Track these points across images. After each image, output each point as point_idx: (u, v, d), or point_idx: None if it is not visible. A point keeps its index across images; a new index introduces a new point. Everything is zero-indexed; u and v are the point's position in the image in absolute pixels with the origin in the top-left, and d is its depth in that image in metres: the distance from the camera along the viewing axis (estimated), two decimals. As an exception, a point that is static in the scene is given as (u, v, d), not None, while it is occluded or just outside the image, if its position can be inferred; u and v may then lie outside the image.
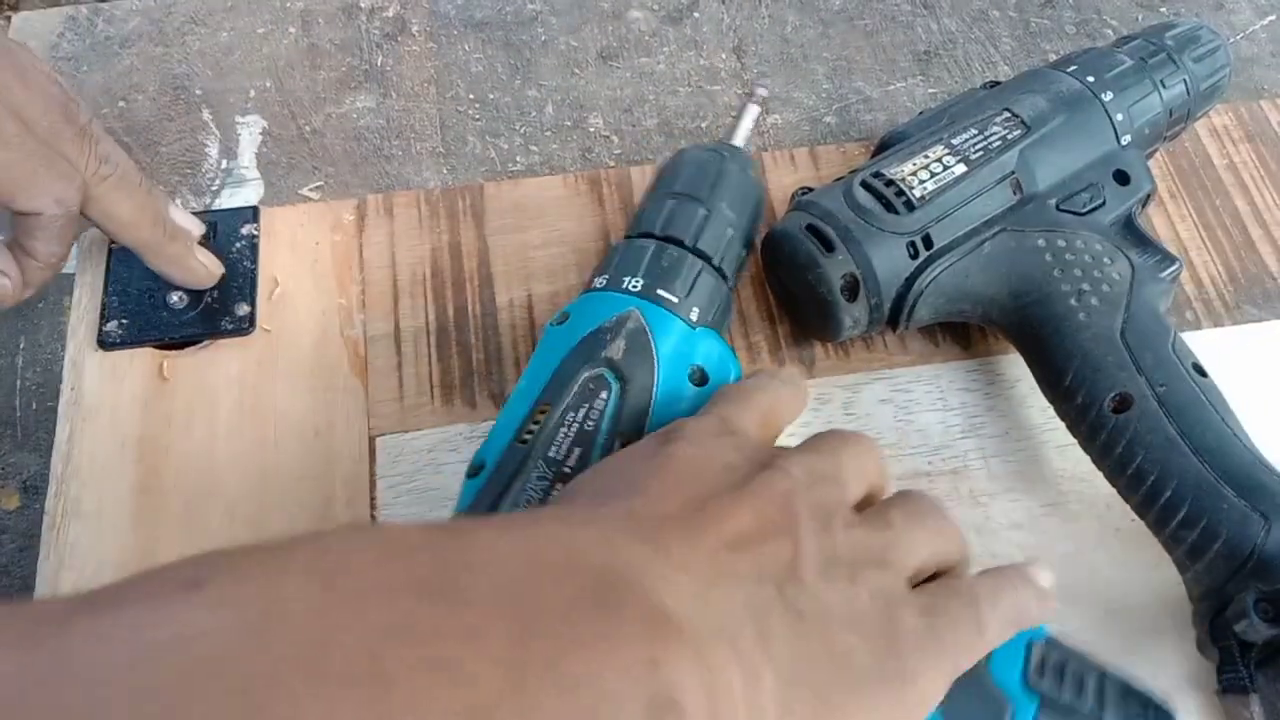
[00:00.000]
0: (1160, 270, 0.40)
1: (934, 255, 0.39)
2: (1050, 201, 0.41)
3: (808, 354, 0.44)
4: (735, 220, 0.39)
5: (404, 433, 0.42)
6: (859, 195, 0.40)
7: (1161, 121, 0.44)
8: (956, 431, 0.42)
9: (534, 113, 0.51)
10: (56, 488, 0.40)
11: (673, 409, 0.34)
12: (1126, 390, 0.37)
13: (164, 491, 0.40)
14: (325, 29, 0.53)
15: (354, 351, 0.43)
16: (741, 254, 0.40)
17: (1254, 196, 0.49)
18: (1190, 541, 0.35)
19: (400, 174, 0.48)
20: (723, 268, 0.38)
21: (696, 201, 0.39)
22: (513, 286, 0.45)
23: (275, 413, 0.42)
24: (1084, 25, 0.54)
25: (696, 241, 0.38)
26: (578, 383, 0.34)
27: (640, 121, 0.51)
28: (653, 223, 0.38)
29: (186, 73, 0.51)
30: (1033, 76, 0.44)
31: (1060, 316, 0.39)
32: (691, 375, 0.35)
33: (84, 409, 0.42)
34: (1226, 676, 0.35)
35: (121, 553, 0.39)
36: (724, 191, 0.39)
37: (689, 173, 0.40)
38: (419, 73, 0.52)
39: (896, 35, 0.54)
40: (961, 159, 0.41)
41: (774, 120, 0.51)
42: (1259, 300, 0.46)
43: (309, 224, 0.46)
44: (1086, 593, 0.39)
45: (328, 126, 0.50)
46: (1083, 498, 0.41)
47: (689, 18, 0.54)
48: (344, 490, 0.40)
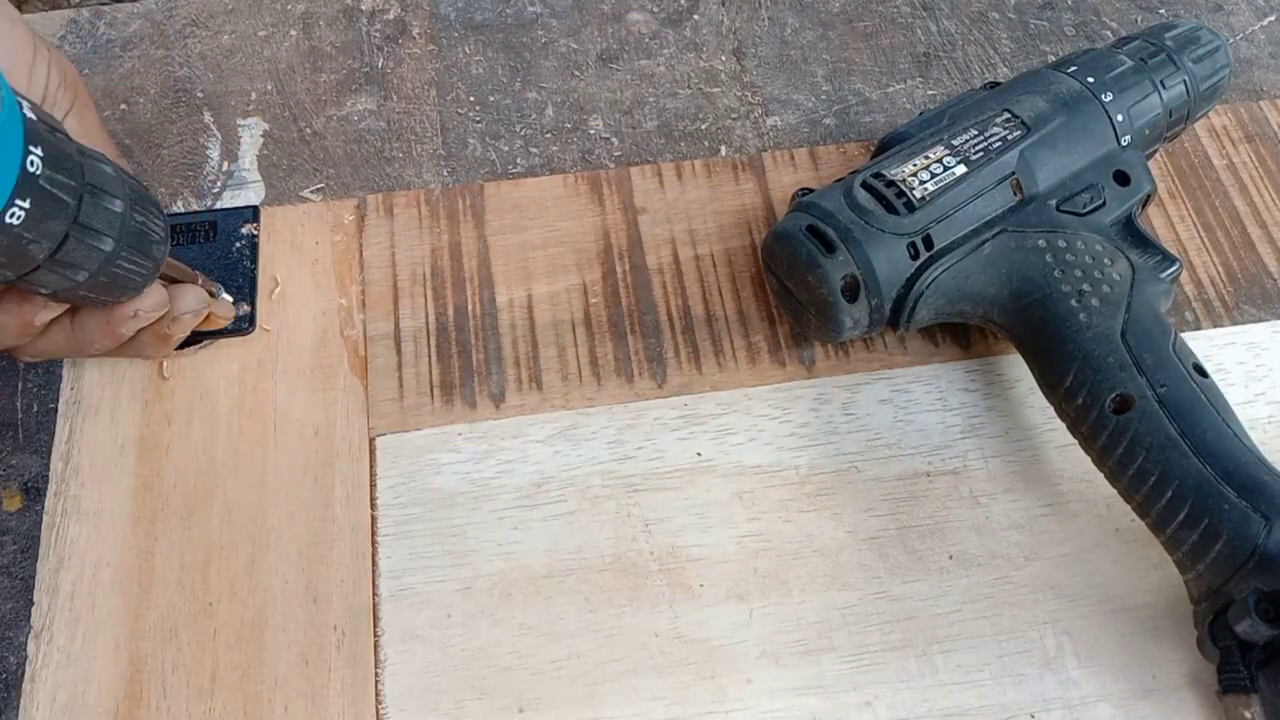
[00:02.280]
0: (1160, 271, 0.40)
1: (934, 256, 0.40)
2: (1050, 202, 0.41)
3: (808, 354, 0.44)
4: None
5: (404, 433, 0.42)
6: (859, 196, 0.40)
7: (1161, 122, 0.44)
8: (956, 431, 0.42)
9: (534, 115, 0.51)
10: (56, 487, 0.40)
11: None
12: (1127, 391, 0.37)
13: (164, 491, 0.40)
14: (326, 32, 0.53)
15: (354, 351, 0.43)
16: None
17: (1253, 197, 0.49)
18: (1191, 542, 0.35)
19: (401, 176, 0.49)
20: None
21: None
22: (513, 286, 0.45)
23: (275, 413, 0.42)
24: (1083, 26, 0.55)
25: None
26: None
27: (640, 124, 0.51)
28: None
29: (188, 75, 0.51)
30: (1032, 77, 0.44)
31: (1060, 317, 0.39)
32: None
33: (84, 408, 0.42)
34: (1227, 677, 0.35)
35: (121, 553, 0.39)
36: None
37: None
38: (419, 75, 0.52)
39: (896, 37, 0.54)
40: (962, 160, 0.41)
41: (774, 122, 0.51)
42: (1259, 300, 0.46)
43: (309, 224, 0.46)
44: (1086, 593, 0.39)
45: (328, 129, 0.50)
46: (1083, 498, 0.41)
47: (689, 20, 0.54)
48: (344, 490, 0.40)
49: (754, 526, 0.40)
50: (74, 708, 0.36)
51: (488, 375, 0.43)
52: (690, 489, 0.41)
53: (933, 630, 0.38)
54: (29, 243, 0.30)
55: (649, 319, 0.45)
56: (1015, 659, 0.38)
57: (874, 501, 0.41)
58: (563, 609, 0.38)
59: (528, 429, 0.42)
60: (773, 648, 0.38)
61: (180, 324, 0.40)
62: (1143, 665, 0.37)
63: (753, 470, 0.41)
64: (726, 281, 0.46)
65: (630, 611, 0.38)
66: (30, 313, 0.35)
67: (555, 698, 0.37)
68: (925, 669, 0.37)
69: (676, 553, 0.39)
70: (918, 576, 0.39)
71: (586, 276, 0.46)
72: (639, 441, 0.42)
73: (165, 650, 0.37)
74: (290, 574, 0.39)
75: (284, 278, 0.45)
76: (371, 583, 0.39)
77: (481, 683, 0.37)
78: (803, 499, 0.41)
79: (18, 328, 0.36)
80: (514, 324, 0.44)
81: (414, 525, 0.40)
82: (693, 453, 0.41)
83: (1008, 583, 0.39)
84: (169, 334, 0.39)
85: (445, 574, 0.39)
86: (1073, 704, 0.37)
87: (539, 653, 0.38)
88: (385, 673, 0.37)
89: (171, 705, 0.36)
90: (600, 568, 0.39)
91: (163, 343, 0.40)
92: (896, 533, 0.40)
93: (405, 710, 0.37)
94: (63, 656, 0.37)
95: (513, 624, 0.38)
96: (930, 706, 0.37)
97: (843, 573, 0.39)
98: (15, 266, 0.31)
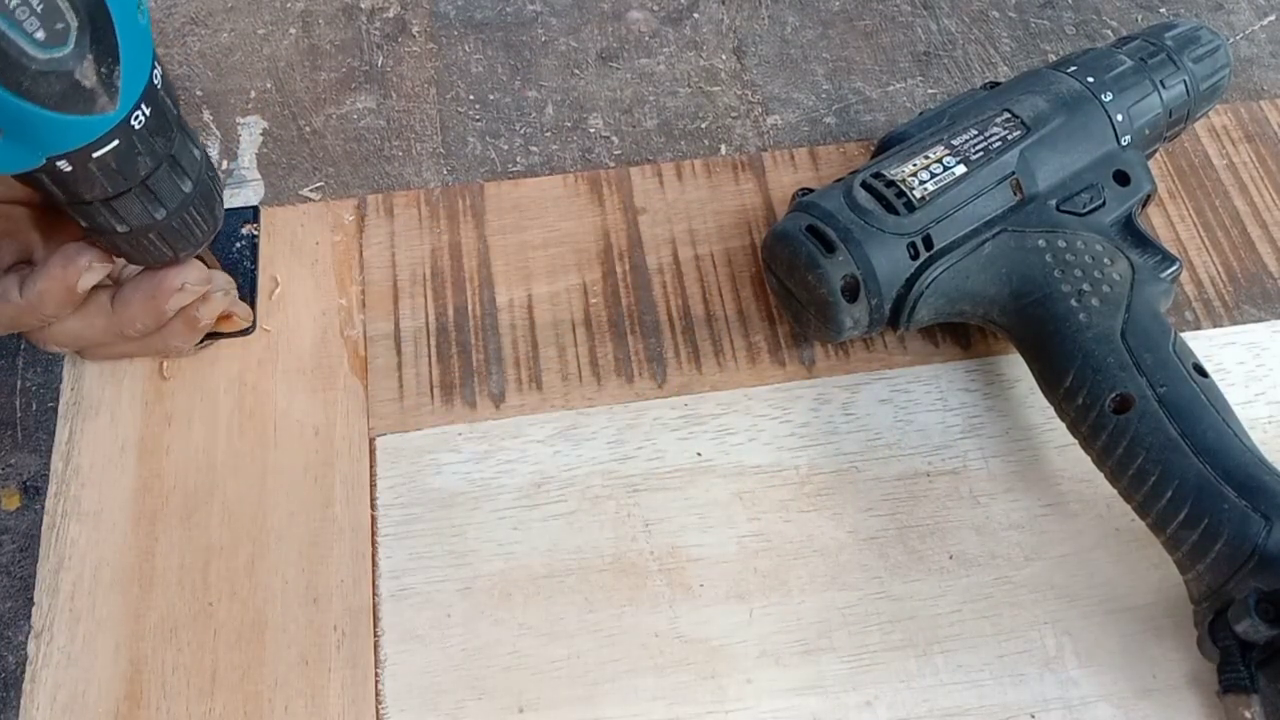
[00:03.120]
0: (1160, 270, 0.40)
1: (934, 256, 0.40)
2: (1050, 202, 0.41)
3: (808, 354, 0.44)
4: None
5: (404, 433, 0.42)
6: (859, 196, 0.40)
7: (1161, 122, 0.44)
8: (956, 431, 0.42)
9: (534, 113, 0.51)
10: (57, 488, 0.40)
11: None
12: (1127, 391, 0.37)
13: (164, 491, 0.40)
14: (326, 30, 0.53)
15: (354, 351, 0.43)
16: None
17: (1253, 196, 0.49)
18: (1191, 542, 0.35)
19: (400, 175, 0.49)
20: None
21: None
22: (513, 286, 0.45)
23: (275, 413, 0.42)
24: (1083, 26, 0.55)
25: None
26: None
27: (640, 122, 0.51)
28: None
29: (187, 74, 0.51)
30: (1032, 77, 0.44)
31: (1060, 317, 0.39)
32: None
33: (84, 409, 0.42)
34: (1227, 676, 0.35)
35: (121, 553, 0.39)
36: None
37: None
38: (419, 73, 0.52)
39: (896, 36, 0.54)
40: (962, 160, 0.41)
41: (774, 121, 0.51)
42: (1259, 300, 0.46)
43: (309, 224, 0.46)
44: (1086, 593, 0.39)
45: (328, 127, 0.50)
46: (1083, 498, 0.41)
47: (689, 18, 0.54)
48: (344, 490, 0.40)
49: (754, 526, 0.40)
50: (74, 708, 0.36)
51: (488, 375, 0.43)
52: (690, 489, 0.41)
53: (933, 630, 0.38)
54: (138, 155, 0.32)
55: (649, 319, 0.45)
56: (1015, 659, 0.38)
57: (874, 501, 0.41)
58: (563, 609, 0.38)
59: (528, 429, 0.42)
60: (773, 648, 0.38)
61: (211, 304, 0.40)
62: (1143, 665, 0.38)
63: (753, 470, 0.41)
64: (726, 281, 0.46)
65: (630, 611, 0.38)
66: (75, 275, 0.35)
67: (555, 698, 0.37)
68: (925, 669, 0.37)
69: (676, 553, 0.39)
70: (918, 576, 0.39)
71: (586, 276, 0.46)
72: (639, 441, 0.42)
73: (165, 650, 0.37)
74: (290, 574, 0.39)
75: (284, 278, 0.45)
76: (371, 583, 0.39)
77: (481, 683, 0.37)
78: (803, 499, 0.41)
79: (61, 293, 0.36)
80: (514, 324, 0.44)
81: (414, 525, 0.40)
82: (693, 453, 0.41)
83: (1008, 583, 0.39)
84: (198, 317, 0.39)
85: (445, 574, 0.39)
86: (1073, 704, 0.37)
87: (539, 653, 0.38)
88: (385, 673, 0.37)
89: (171, 705, 0.36)
90: (600, 568, 0.39)
91: (191, 328, 0.40)
92: (896, 533, 0.40)
93: (405, 710, 0.37)
94: (63, 656, 0.37)
95: (513, 624, 0.38)
96: (930, 706, 0.37)
97: (843, 573, 0.39)
98: (116, 182, 0.32)
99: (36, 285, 0.35)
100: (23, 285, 0.35)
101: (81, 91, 0.28)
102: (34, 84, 0.27)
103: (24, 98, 0.27)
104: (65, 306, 0.36)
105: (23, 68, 0.27)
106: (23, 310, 0.35)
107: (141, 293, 0.37)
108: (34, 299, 0.35)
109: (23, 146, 0.29)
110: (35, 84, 0.27)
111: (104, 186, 0.32)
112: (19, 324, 0.36)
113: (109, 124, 0.30)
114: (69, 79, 0.28)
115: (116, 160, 0.31)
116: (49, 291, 0.35)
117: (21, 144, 0.29)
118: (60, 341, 0.38)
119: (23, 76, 0.27)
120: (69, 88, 0.28)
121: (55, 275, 0.35)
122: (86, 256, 0.35)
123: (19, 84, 0.27)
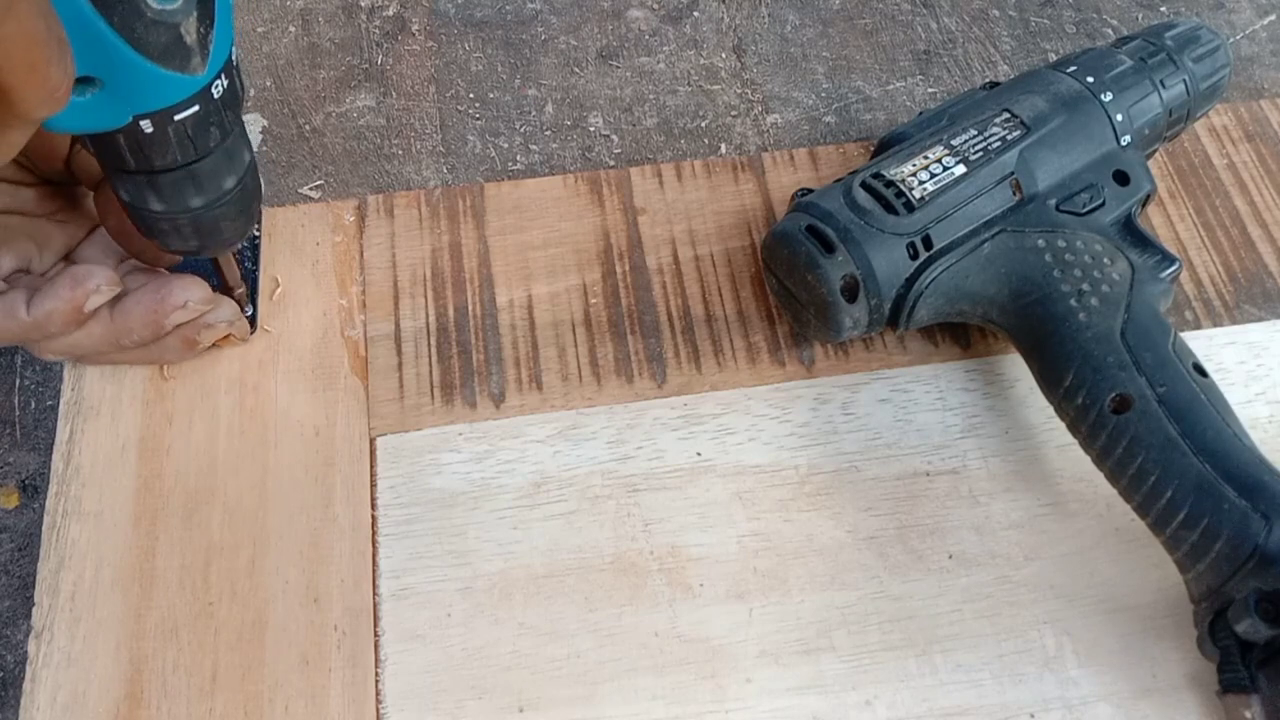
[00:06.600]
0: (1160, 270, 0.40)
1: (934, 256, 0.40)
2: (1050, 202, 0.41)
3: (807, 354, 0.44)
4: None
5: (404, 433, 0.42)
6: (859, 196, 0.40)
7: (1161, 121, 0.44)
8: (956, 431, 0.42)
9: (534, 112, 0.51)
10: (57, 488, 0.40)
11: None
12: (1127, 390, 0.37)
13: (164, 491, 0.40)
14: (325, 28, 0.53)
15: (354, 352, 0.43)
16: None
17: (1254, 196, 0.49)
18: (1191, 542, 0.35)
19: (400, 173, 0.48)
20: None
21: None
22: (513, 286, 0.45)
23: (275, 413, 0.42)
24: (1084, 25, 0.54)
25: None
26: None
27: (640, 121, 0.51)
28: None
29: (186, 72, 0.51)
30: (1032, 77, 0.44)
31: (1060, 317, 0.39)
32: None
33: (85, 409, 0.42)
34: (1227, 676, 0.35)
35: (122, 553, 0.39)
36: None
37: None
38: (419, 72, 0.52)
39: (896, 34, 0.54)
40: (961, 160, 0.41)
41: (774, 120, 0.51)
42: (1259, 300, 0.46)
43: (309, 224, 0.46)
44: (1086, 592, 0.39)
45: (328, 126, 0.50)
46: (1083, 498, 0.41)
47: (689, 17, 0.54)
48: (344, 490, 0.40)
49: (754, 526, 0.40)
50: (74, 708, 0.36)
51: (488, 375, 0.43)
52: (690, 489, 0.41)
53: (932, 630, 0.38)
54: (211, 125, 0.32)
55: (649, 319, 0.45)
56: (1015, 658, 0.38)
57: (874, 501, 0.41)
58: (563, 609, 0.38)
59: (528, 429, 0.42)
60: (772, 647, 0.38)
61: (211, 331, 0.40)
62: (1143, 665, 0.38)
63: (752, 470, 0.41)
64: (726, 281, 0.46)
65: (630, 611, 0.38)
66: (83, 297, 0.36)
67: (555, 697, 0.37)
68: (925, 668, 0.37)
69: (676, 552, 0.39)
70: (917, 576, 0.39)
71: (586, 277, 0.46)
72: (639, 441, 0.42)
73: (166, 650, 0.37)
74: (291, 574, 0.39)
75: (284, 278, 0.45)
76: (372, 583, 0.39)
77: (481, 682, 0.37)
78: (802, 499, 0.41)
79: (68, 314, 0.36)
80: (514, 324, 0.44)
81: (414, 525, 0.40)
82: (692, 452, 0.41)
83: (1007, 582, 0.39)
84: (197, 340, 0.40)
85: (445, 574, 0.39)
86: (1072, 704, 0.37)
87: (539, 652, 0.38)
88: (385, 673, 0.37)
89: (172, 705, 0.36)
90: (600, 567, 0.39)
91: (188, 347, 0.40)
92: (896, 532, 0.40)
93: (405, 710, 0.37)
94: (63, 656, 0.37)
95: (513, 624, 0.38)
96: (930, 706, 0.37)
97: (842, 572, 0.39)
98: (186, 150, 0.32)
99: (44, 305, 0.36)
100: (30, 304, 0.36)
101: (182, 48, 0.29)
102: (145, 32, 0.28)
103: (134, 46, 0.28)
104: (71, 326, 0.37)
105: (140, 14, 0.28)
106: (28, 328, 0.36)
107: (143, 305, 0.37)
108: (41, 318, 0.36)
109: (115, 101, 0.30)
110: (146, 33, 0.28)
111: (175, 154, 0.32)
112: (23, 340, 0.37)
113: (197, 85, 0.31)
114: (174, 32, 0.29)
115: (193, 126, 0.32)
116: (57, 312, 0.36)
117: (115, 98, 0.30)
118: (57, 350, 0.38)
119: (138, 23, 0.28)
120: (173, 41, 0.29)
121: (63, 296, 0.36)
122: (95, 279, 0.35)
123: (132, 30, 0.28)
